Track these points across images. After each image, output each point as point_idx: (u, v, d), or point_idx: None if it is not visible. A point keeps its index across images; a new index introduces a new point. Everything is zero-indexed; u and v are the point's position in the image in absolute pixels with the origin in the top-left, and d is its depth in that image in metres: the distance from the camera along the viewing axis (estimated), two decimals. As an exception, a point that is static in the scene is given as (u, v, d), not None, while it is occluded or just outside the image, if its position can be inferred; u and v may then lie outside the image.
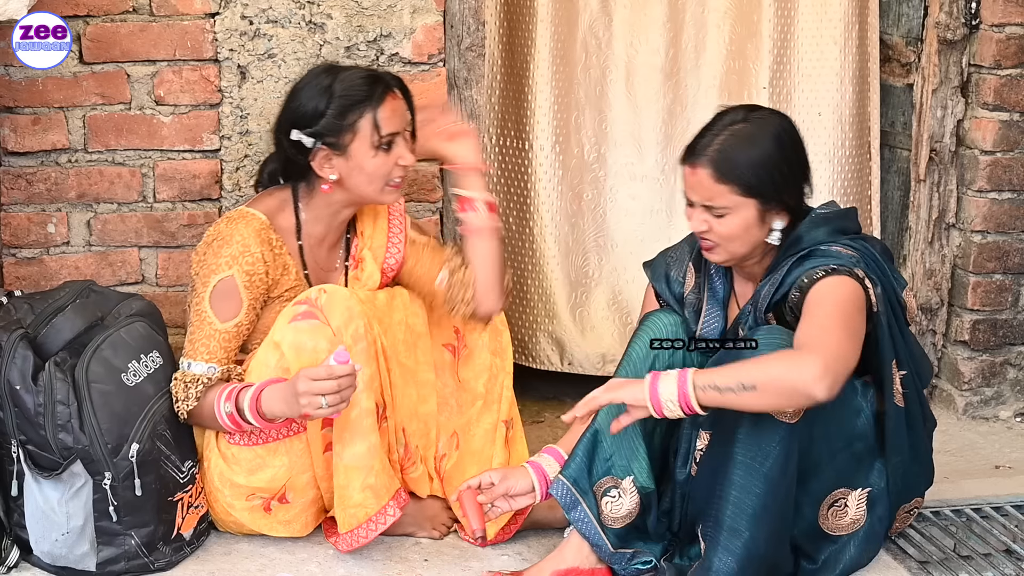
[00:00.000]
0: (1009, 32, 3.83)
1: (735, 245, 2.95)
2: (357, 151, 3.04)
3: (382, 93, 3.05)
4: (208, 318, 3.03)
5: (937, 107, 3.91)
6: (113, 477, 2.92)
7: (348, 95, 3.03)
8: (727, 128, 2.93)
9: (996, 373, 4.04)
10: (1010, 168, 3.91)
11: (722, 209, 2.91)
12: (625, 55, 3.93)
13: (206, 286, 3.03)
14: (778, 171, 2.92)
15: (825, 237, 2.96)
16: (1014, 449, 3.86)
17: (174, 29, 3.35)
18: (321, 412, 2.88)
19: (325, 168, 3.06)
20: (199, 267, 3.08)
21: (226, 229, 3.07)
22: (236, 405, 2.96)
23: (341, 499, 3.05)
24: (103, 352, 2.95)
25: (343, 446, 3.03)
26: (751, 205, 2.91)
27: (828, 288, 2.86)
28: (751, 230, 2.94)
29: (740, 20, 3.95)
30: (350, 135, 3.03)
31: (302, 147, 3.05)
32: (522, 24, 3.88)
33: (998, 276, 3.98)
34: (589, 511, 2.98)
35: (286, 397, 2.91)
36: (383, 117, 3.03)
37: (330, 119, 3.02)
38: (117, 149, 3.40)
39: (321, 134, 3.03)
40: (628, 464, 2.99)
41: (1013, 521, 3.36)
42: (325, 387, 2.85)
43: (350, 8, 3.42)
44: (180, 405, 3.01)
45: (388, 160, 3.06)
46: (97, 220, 3.43)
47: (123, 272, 3.46)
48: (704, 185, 2.92)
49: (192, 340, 3.04)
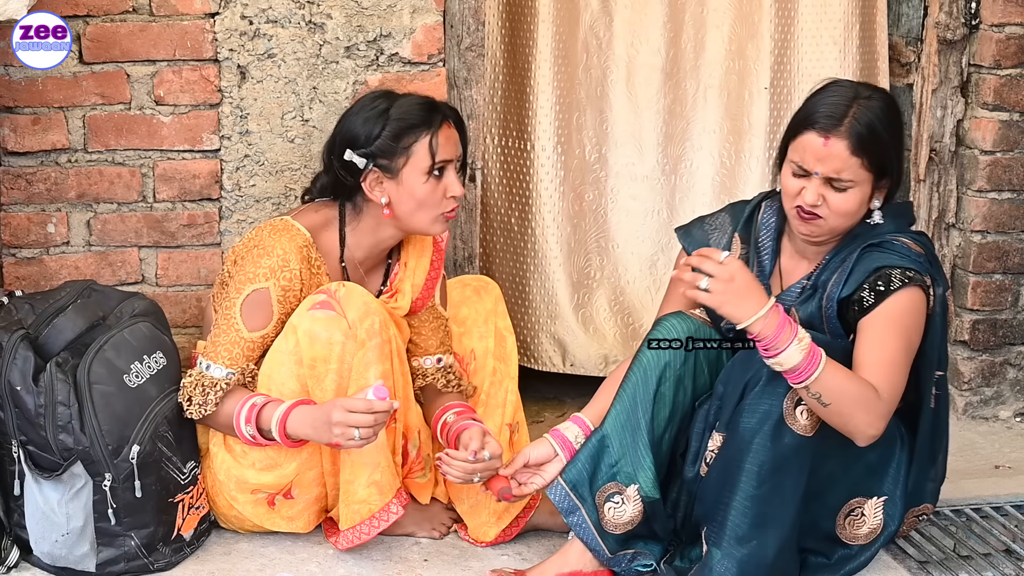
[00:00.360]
0: (1009, 32, 3.83)
1: (844, 220, 2.91)
2: (409, 176, 3.03)
3: (440, 120, 3.06)
4: (236, 324, 3.02)
5: (937, 107, 3.91)
6: (113, 478, 2.92)
7: (405, 119, 3.04)
8: (854, 101, 2.87)
9: (996, 373, 4.04)
10: (1010, 168, 3.91)
11: (848, 183, 2.86)
12: (626, 55, 3.93)
13: (240, 293, 3.03)
14: (897, 145, 2.92)
15: (895, 227, 2.95)
16: (1014, 449, 3.86)
17: (174, 29, 3.35)
18: (351, 444, 2.89)
19: (376, 191, 3.06)
20: (235, 271, 3.07)
21: (269, 240, 3.06)
22: (258, 426, 2.98)
23: (346, 494, 3.05)
24: (105, 353, 2.95)
25: None
26: (869, 181, 2.88)
27: (902, 308, 2.84)
28: (863, 206, 2.91)
29: (740, 20, 3.95)
30: (403, 159, 3.03)
31: (354, 168, 3.05)
32: (523, 24, 3.88)
33: (998, 276, 3.98)
34: (587, 517, 2.97)
35: (315, 423, 2.93)
36: (438, 143, 3.04)
37: (385, 140, 3.03)
38: (117, 149, 3.40)
39: (374, 155, 3.04)
40: (634, 472, 2.97)
41: (1013, 521, 3.36)
42: (362, 420, 2.87)
43: (350, 8, 3.42)
44: (194, 408, 3.01)
45: (438, 188, 3.06)
46: (97, 220, 3.43)
47: (123, 272, 3.46)
48: (839, 156, 2.84)
49: (215, 343, 3.04)
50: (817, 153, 2.86)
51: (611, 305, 4.01)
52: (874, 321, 2.85)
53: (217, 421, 3.04)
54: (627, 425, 2.98)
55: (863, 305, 2.86)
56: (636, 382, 2.99)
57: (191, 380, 3.03)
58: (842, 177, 2.86)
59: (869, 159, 2.85)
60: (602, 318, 4.01)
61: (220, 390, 3.00)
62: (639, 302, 4.00)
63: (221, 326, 3.04)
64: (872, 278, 2.87)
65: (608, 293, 4.01)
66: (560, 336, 4.00)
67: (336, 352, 2.97)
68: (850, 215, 2.91)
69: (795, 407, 2.83)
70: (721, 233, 3.14)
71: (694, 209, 3.96)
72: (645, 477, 2.97)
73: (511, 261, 3.99)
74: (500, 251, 4.01)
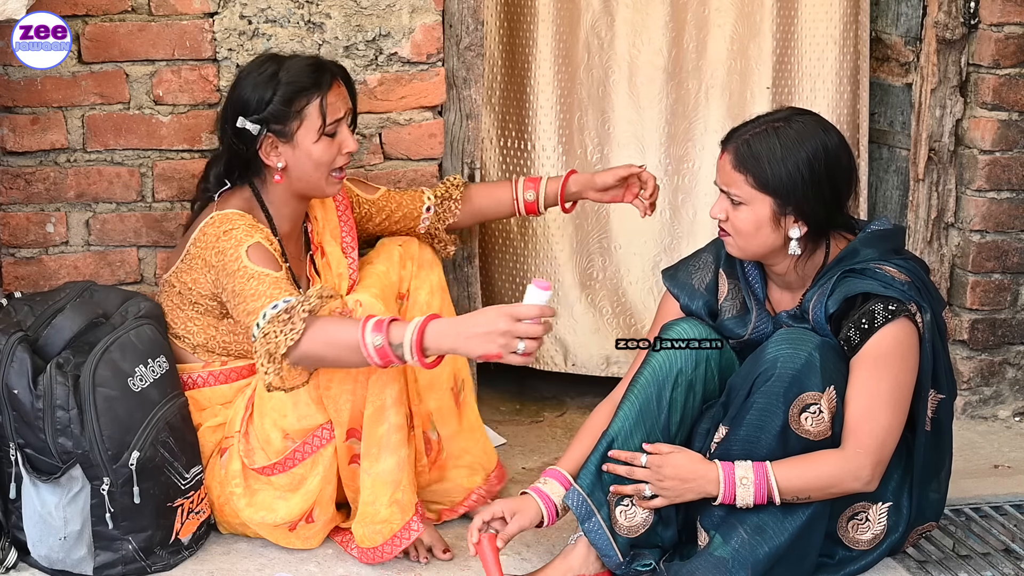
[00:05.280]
0: (1008, 31, 3.83)
1: (745, 240, 2.95)
2: (303, 138, 3.05)
3: (329, 80, 3.07)
4: (261, 273, 2.93)
5: (936, 106, 3.91)
6: (111, 483, 2.91)
7: (295, 82, 3.04)
8: (766, 123, 2.94)
9: (995, 372, 4.04)
10: (1009, 167, 3.90)
11: (737, 197, 2.92)
12: (628, 55, 3.93)
13: (239, 259, 2.96)
14: (800, 178, 2.89)
15: (878, 256, 2.96)
16: (1013, 448, 3.86)
17: (173, 29, 3.35)
18: (514, 358, 2.74)
19: (272, 156, 3.07)
20: (220, 258, 2.99)
21: (222, 222, 3.03)
22: (388, 338, 2.80)
23: (365, 516, 3.03)
24: (111, 354, 2.94)
25: (371, 462, 3.02)
26: (766, 203, 2.90)
27: (888, 344, 2.85)
28: (763, 230, 2.93)
29: (742, 20, 3.95)
30: (296, 122, 3.04)
31: (248, 135, 3.05)
32: (523, 24, 3.87)
33: (997, 275, 3.97)
34: (603, 523, 2.96)
35: (465, 334, 2.76)
36: (327, 104, 3.05)
37: (277, 106, 3.03)
38: (116, 149, 3.40)
39: (267, 120, 3.04)
40: None
41: (1012, 520, 3.36)
42: (532, 330, 2.72)
43: (348, 8, 3.42)
44: (280, 339, 2.84)
45: (332, 146, 3.08)
46: (96, 220, 3.42)
47: (122, 272, 3.46)
48: (725, 170, 2.94)
49: (257, 295, 2.91)
50: (717, 165, 2.98)
51: (613, 305, 4.00)
52: (862, 362, 2.88)
53: (313, 348, 2.85)
54: (636, 428, 2.97)
55: (851, 344, 2.89)
56: (647, 385, 2.98)
57: (266, 327, 2.86)
58: (731, 191, 2.93)
59: (752, 178, 2.89)
60: (604, 318, 4.00)
61: (305, 310, 2.85)
62: (641, 303, 4.00)
63: (248, 287, 2.93)
64: (856, 316, 2.88)
65: (610, 293, 4.01)
66: (562, 336, 4.00)
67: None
68: (751, 236, 2.94)
69: (800, 414, 2.85)
70: (705, 272, 3.17)
71: (696, 209, 3.96)
72: None
73: (511, 262, 3.99)
74: (500, 251, 4.00)
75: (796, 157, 2.89)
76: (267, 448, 3.05)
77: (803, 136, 2.91)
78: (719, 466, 2.86)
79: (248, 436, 3.07)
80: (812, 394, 2.85)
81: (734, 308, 3.10)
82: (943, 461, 3.11)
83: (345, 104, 3.11)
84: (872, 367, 2.87)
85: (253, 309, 2.91)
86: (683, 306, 3.15)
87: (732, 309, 3.11)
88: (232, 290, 2.97)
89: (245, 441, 3.07)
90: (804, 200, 2.90)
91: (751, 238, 2.95)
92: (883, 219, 3.11)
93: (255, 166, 3.11)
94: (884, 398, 2.86)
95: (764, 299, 3.09)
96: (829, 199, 2.93)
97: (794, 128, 2.92)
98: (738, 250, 2.99)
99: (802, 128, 2.92)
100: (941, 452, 3.09)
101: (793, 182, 2.89)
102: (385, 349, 2.81)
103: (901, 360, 2.88)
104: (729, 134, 2.98)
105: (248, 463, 3.06)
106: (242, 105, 3.06)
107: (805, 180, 2.89)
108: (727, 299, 3.12)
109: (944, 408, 3.05)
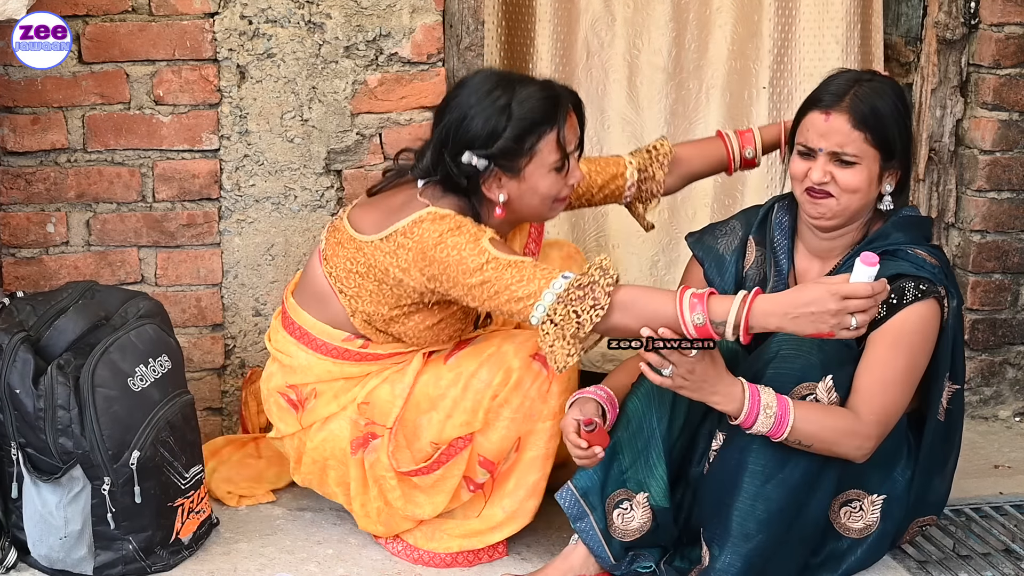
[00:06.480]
0: (1008, 32, 3.83)
1: (853, 199, 2.93)
2: (532, 173, 2.93)
3: (564, 113, 2.93)
4: (517, 260, 2.81)
5: (936, 106, 3.91)
6: (112, 483, 2.91)
7: (529, 117, 2.89)
8: (856, 83, 2.94)
9: (995, 372, 4.04)
10: (1009, 168, 3.90)
11: (853, 157, 2.90)
12: (628, 55, 3.92)
13: (485, 252, 2.81)
14: (901, 128, 2.94)
15: (909, 240, 2.97)
16: (1013, 448, 3.86)
17: (173, 29, 3.35)
18: (846, 333, 2.64)
19: (495, 189, 2.94)
20: (453, 253, 2.84)
21: (445, 220, 2.88)
22: (709, 316, 2.66)
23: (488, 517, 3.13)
24: (111, 355, 2.93)
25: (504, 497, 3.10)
26: (876, 159, 2.92)
27: (913, 322, 2.84)
28: (871, 186, 2.94)
29: (741, 20, 3.94)
30: (527, 158, 2.91)
31: (472, 169, 2.91)
32: (522, 24, 3.87)
33: (997, 276, 3.97)
34: (596, 525, 2.96)
35: (795, 312, 2.62)
36: (564, 138, 2.92)
37: (508, 142, 2.88)
38: (116, 149, 3.40)
39: (496, 156, 2.89)
40: (644, 480, 2.96)
41: (1012, 521, 3.36)
42: (863, 305, 2.61)
43: (349, 8, 3.42)
44: (585, 317, 2.72)
45: (560, 179, 2.96)
46: (96, 220, 3.42)
47: (122, 272, 3.46)
48: (840, 131, 2.90)
49: (525, 279, 2.77)
50: (819, 129, 2.92)
51: (610, 304, 4.00)
52: (883, 336, 2.86)
53: (625, 324, 2.73)
54: (639, 432, 2.97)
55: (875, 317, 2.85)
56: (649, 389, 2.96)
57: (561, 312, 2.73)
58: (846, 151, 2.90)
59: (872, 134, 2.90)
60: (602, 316, 3.99)
61: (609, 283, 2.73)
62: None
63: (505, 277, 2.79)
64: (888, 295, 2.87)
65: (607, 292, 4.00)
66: None
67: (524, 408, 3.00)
68: (859, 193, 2.93)
69: None
70: (732, 238, 3.16)
71: (695, 209, 3.96)
72: (657, 486, 2.95)
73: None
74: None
75: (898, 109, 2.94)
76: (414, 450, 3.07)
77: (893, 90, 2.97)
78: (745, 386, 2.78)
79: (397, 434, 3.06)
80: (808, 384, 2.84)
81: (758, 277, 3.09)
82: (951, 454, 3.11)
83: (576, 135, 2.97)
84: (893, 342, 2.85)
85: (526, 294, 2.77)
86: (706, 274, 3.12)
87: (756, 278, 3.09)
88: (479, 283, 2.82)
89: (394, 440, 3.06)
90: (903, 152, 2.95)
91: (860, 196, 2.93)
92: (915, 207, 3.12)
93: (475, 193, 2.96)
94: (899, 375, 2.84)
95: (788, 271, 3.07)
96: (911, 149, 3.00)
97: (882, 83, 2.97)
98: (837, 211, 2.93)
99: (884, 83, 2.98)
100: (951, 444, 3.09)
101: (899, 133, 2.94)
102: (707, 327, 2.68)
103: (923, 341, 2.87)
104: (827, 94, 2.92)
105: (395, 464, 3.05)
106: (469, 139, 2.89)
107: (905, 131, 2.95)
108: (753, 267, 3.11)
109: (957, 400, 3.05)
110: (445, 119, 2.95)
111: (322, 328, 3.07)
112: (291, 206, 3.50)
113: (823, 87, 2.97)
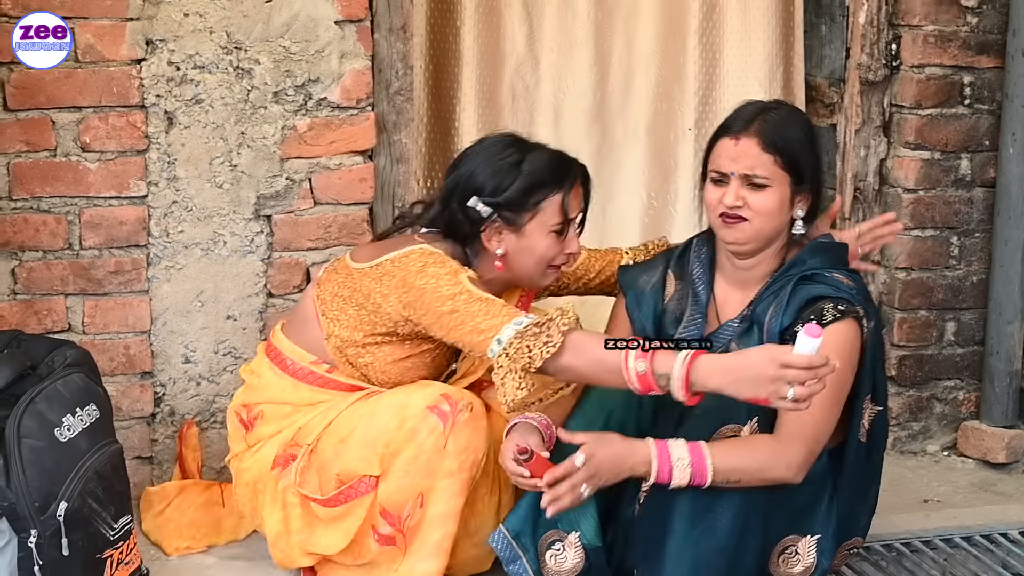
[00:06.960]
0: (929, 72, 3.89)
1: (767, 222, 2.98)
2: (533, 231, 3.03)
3: (572, 180, 3.06)
4: (488, 297, 2.87)
5: (860, 146, 3.96)
6: (39, 535, 2.85)
7: (537, 175, 3.02)
8: (764, 110, 3.02)
9: (923, 408, 4.09)
10: (932, 206, 3.96)
11: (764, 179, 2.96)
12: (553, 98, 3.95)
13: (459, 284, 2.90)
14: (810, 153, 3.02)
15: (826, 264, 3.01)
16: (942, 483, 3.89)
17: (100, 75, 3.33)
18: (782, 404, 2.63)
19: (494, 240, 3.05)
20: (430, 281, 2.93)
21: (432, 256, 2.98)
22: (652, 367, 2.71)
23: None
24: (37, 405, 2.88)
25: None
26: (786, 182, 2.98)
27: (832, 343, 2.83)
28: (783, 209, 2.99)
29: (666, 62, 3.99)
30: (530, 214, 3.02)
31: (476, 215, 3.03)
32: (448, 68, 3.88)
33: (923, 312, 4.02)
34: (529, 567, 2.95)
35: (734, 375, 2.66)
36: (569, 203, 3.04)
37: (514, 194, 3.01)
38: (42, 196, 3.36)
39: (500, 206, 3.01)
40: (576, 519, 2.95)
41: (942, 555, 3.39)
42: (800, 376, 2.60)
43: (278, 53, 3.42)
44: (536, 352, 2.75)
45: (557, 244, 3.06)
46: (22, 268, 3.38)
47: (49, 320, 3.42)
48: (750, 154, 2.96)
49: (490, 314, 2.83)
50: (730, 153, 2.99)
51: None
52: None
53: (574, 365, 2.78)
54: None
55: (814, 393, 2.87)
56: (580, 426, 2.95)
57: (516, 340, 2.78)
58: (757, 173, 2.96)
59: (781, 157, 2.96)
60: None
61: (564, 324, 2.77)
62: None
63: (472, 310, 2.86)
64: (805, 313, 2.91)
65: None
66: None
67: (420, 461, 2.95)
68: (772, 215, 2.98)
69: None
70: (653, 273, 3.19)
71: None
72: (587, 525, 2.96)
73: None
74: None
75: (804, 134, 3.03)
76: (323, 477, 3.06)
77: (798, 116, 3.10)
78: (652, 445, 2.82)
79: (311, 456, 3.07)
80: (732, 427, 2.86)
81: (679, 310, 3.12)
82: (874, 475, 3.14)
83: (580, 206, 3.09)
84: None
85: (488, 327, 2.82)
86: (627, 306, 3.17)
87: (677, 311, 3.12)
88: (448, 311, 2.89)
89: (306, 460, 3.07)
90: (813, 178, 3.03)
91: (772, 219, 2.98)
92: (828, 234, 3.17)
93: (473, 242, 3.08)
94: (823, 393, 2.84)
95: (708, 302, 3.10)
96: (821, 175, 3.08)
97: (788, 111, 3.10)
98: (751, 235, 2.99)
99: (791, 111, 3.14)
100: (873, 465, 3.11)
101: (806, 158, 3.00)
102: (648, 377, 2.71)
103: (844, 359, 2.89)
104: (732, 125, 3.01)
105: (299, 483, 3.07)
106: (478, 186, 3.02)
107: (812, 156, 3.03)
108: (672, 300, 3.14)
109: (879, 423, 3.08)
110: (456, 171, 3.08)
111: (296, 350, 3.15)
112: (221, 252, 3.48)
113: (733, 116, 3.05)
